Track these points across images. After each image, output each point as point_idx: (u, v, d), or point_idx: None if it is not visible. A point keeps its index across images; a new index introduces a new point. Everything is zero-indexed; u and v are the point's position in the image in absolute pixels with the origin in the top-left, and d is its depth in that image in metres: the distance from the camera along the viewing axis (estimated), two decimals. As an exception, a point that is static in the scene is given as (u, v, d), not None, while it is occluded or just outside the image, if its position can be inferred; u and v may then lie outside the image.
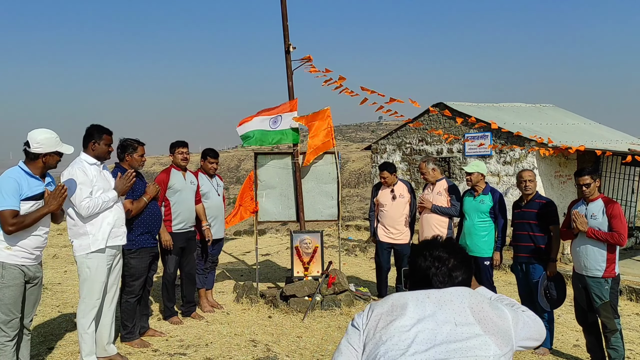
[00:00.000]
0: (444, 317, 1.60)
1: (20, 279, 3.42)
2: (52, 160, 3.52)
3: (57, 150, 3.51)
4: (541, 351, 4.94)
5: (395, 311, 1.65)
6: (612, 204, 4.34)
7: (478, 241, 5.36)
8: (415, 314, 1.62)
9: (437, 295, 1.66)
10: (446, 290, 1.68)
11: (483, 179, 5.46)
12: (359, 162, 56.11)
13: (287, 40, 6.53)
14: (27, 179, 3.42)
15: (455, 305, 1.63)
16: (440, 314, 1.61)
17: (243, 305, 6.09)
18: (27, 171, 3.44)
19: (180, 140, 5.47)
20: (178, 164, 5.38)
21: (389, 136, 14.41)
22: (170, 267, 5.22)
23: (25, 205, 3.37)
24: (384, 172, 6.26)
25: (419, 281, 1.76)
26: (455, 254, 1.75)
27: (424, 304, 1.64)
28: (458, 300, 1.64)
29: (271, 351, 4.61)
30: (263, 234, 14.13)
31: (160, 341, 4.74)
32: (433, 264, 1.73)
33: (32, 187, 3.42)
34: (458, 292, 1.67)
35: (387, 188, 6.29)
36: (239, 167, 79.97)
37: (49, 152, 3.48)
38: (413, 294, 1.69)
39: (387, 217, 6.24)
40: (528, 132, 11.25)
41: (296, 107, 6.46)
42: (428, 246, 1.78)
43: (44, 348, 4.45)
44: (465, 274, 1.74)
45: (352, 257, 10.30)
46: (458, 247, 1.81)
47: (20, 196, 3.35)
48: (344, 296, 6.12)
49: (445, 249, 1.76)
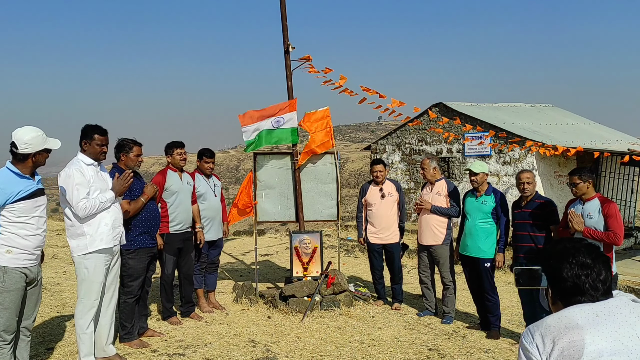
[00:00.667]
0: (624, 332, 1.55)
1: (21, 283, 3.40)
2: (41, 159, 3.48)
3: (45, 148, 3.47)
4: (541, 351, 4.93)
5: (572, 336, 1.56)
6: (608, 203, 4.34)
7: (479, 242, 5.35)
8: (598, 337, 1.55)
9: (604, 310, 1.59)
10: (607, 303, 1.61)
11: (486, 179, 5.46)
12: (359, 162, 56.11)
13: (287, 40, 6.52)
14: (17, 181, 3.38)
15: (626, 317, 1.57)
16: (620, 330, 1.55)
17: (242, 306, 6.08)
18: (16, 172, 3.40)
19: (177, 141, 5.41)
20: (176, 165, 5.35)
21: (389, 136, 14.40)
22: (167, 267, 5.21)
23: (20, 205, 3.35)
24: (379, 165, 6.25)
25: (567, 291, 1.67)
26: (597, 258, 1.68)
27: (601, 325, 1.56)
28: (626, 310, 1.59)
29: (270, 351, 4.60)
30: (262, 234, 14.12)
31: (159, 341, 4.73)
32: (582, 272, 1.65)
33: (25, 188, 3.38)
34: (620, 303, 1.61)
35: (376, 187, 6.27)
36: (239, 167, 79.94)
37: (38, 151, 3.43)
38: (577, 313, 1.60)
39: (376, 217, 6.22)
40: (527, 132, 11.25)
41: (295, 107, 6.45)
42: (569, 252, 1.69)
43: (43, 348, 4.44)
44: (609, 277, 1.67)
45: (352, 258, 10.29)
46: (594, 247, 1.72)
47: (11, 198, 3.32)
48: (343, 296, 6.11)
49: (588, 254, 1.67)
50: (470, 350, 4.90)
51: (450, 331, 5.49)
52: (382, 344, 4.96)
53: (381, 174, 6.22)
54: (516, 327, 5.85)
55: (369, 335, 5.18)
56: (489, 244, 5.35)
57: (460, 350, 4.90)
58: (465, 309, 6.55)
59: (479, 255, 5.35)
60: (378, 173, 6.24)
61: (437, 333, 5.39)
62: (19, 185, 3.37)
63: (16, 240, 3.37)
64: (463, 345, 5.04)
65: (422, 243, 6.01)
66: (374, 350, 4.76)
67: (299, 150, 6.50)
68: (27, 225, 3.41)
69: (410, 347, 4.90)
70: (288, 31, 6.56)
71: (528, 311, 5.15)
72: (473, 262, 5.44)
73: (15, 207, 3.35)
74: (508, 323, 5.99)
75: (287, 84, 6.55)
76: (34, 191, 3.45)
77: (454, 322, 5.81)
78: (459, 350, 4.90)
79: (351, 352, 4.71)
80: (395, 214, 6.25)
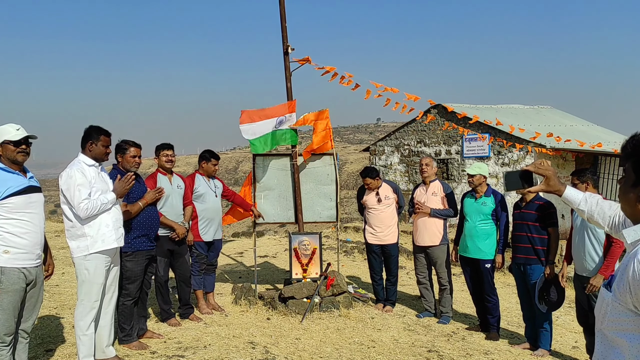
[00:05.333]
0: None
1: (20, 284, 3.37)
2: (7, 151, 3.41)
3: (5, 140, 3.40)
4: (540, 353, 4.94)
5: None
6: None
7: (480, 243, 5.36)
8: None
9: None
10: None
11: (485, 180, 5.46)
12: (357, 163, 56.13)
13: (286, 41, 6.52)
14: (6, 176, 3.36)
15: None
16: None
17: (241, 307, 6.07)
18: (2, 167, 3.39)
19: (166, 143, 5.40)
20: (163, 167, 5.35)
21: (387, 138, 14.41)
22: (160, 269, 5.20)
23: (12, 200, 3.33)
24: (366, 179, 6.17)
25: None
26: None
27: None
28: None
29: (270, 353, 4.60)
30: (261, 235, 14.11)
31: (158, 343, 4.72)
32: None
33: (15, 183, 3.37)
34: None
35: (372, 192, 6.25)
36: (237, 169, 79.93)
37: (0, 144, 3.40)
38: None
39: (375, 219, 6.22)
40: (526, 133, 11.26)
41: (295, 109, 6.46)
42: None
43: (42, 350, 4.43)
44: None
45: (351, 259, 10.29)
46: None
47: (1, 194, 3.30)
48: (343, 298, 6.11)
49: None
50: (469, 352, 4.90)
51: (450, 332, 5.49)
52: (381, 345, 4.96)
53: (371, 184, 6.17)
54: (515, 329, 5.86)
55: (368, 337, 5.18)
56: (489, 245, 5.36)
57: (459, 351, 4.90)
58: (465, 310, 6.56)
59: (479, 256, 5.36)
60: (369, 184, 6.19)
61: (436, 334, 5.39)
62: (7, 182, 3.36)
63: (12, 239, 3.35)
64: (462, 347, 5.04)
65: (419, 244, 6.02)
66: (374, 352, 4.76)
67: (298, 152, 6.50)
68: (21, 222, 3.38)
69: (409, 349, 4.90)
70: (287, 32, 6.57)
71: (527, 312, 5.16)
72: (473, 264, 5.45)
73: (7, 203, 3.33)
74: (507, 324, 5.99)
75: (287, 85, 6.55)
76: (26, 187, 3.43)
77: (453, 324, 5.81)
78: (458, 351, 4.90)
79: (350, 353, 4.71)
80: (394, 215, 6.24)
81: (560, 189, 2.41)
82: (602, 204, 2.28)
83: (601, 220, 2.27)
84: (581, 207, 2.34)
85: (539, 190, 2.50)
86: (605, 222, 2.26)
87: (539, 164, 2.48)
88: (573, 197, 2.39)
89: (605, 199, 3.12)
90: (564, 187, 2.41)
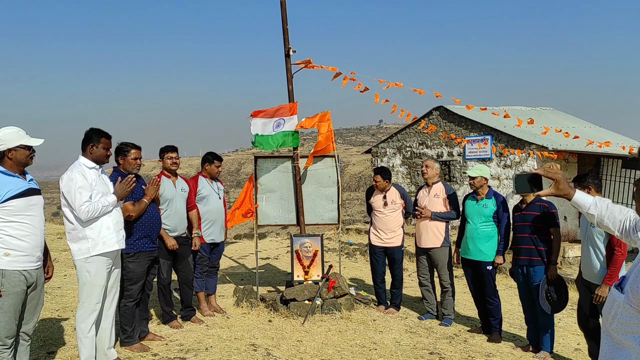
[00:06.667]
0: None
1: (20, 286, 3.38)
2: (19, 155, 3.43)
3: (21, 144, 3.43)
4: (542, 355, 4.93)
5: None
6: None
7: (481, 245, 5.35)
8: None
9: None
10: None
11: (486, 182, 5.45)
12: (359, 165, 56.15)
13: (287, 43, 6.54)
14: (5, 179, 3.37)
15: None
16: None
17: (243, 309, 6.07)
18: (2, 171, 3.39)
19: (170, 145, 5.40)
20: (168, 169, 5.35)
21: (389, 139, 14.41)
22: (163, 272, 5.20)
23: (12, 203, 3.34)
24: (377, 175, 6.20)
25: None
26: None
27: None
28: None
29: (271, 355, 4.59)
30: (263, 237, 14.11)
31: (160, 345, 4.72)
32: None
33: (15, 186, 3.37)
34: None
35: (380, 194, 6.24)
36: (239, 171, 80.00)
37: (13, 147, 3.41)
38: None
39: (380, 221, 6.21)
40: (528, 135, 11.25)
41: (296, 111, 6.46)
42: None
43: (43, 352, 4.43)
44: None
45: (353, 261, 10.29)
46: None
47: (1, 197, 3.31)
48: (345, 300, 6.10)
49: None
50: (471, 354, 4.89)
51: (452, 335, 5.48)
52: (383, 347, 4.95)
53: (380, 183, 6.18)
54: (517, 331, 5.84)
55: (370, 339, 5.17)
56: (490, 247, 5.35)
57: (461, 354, 4.89)
58: (467, 312, 6.54)
59: (481, 258, 5.35)
60: (377, 183, 6.21)
61: (438, 337, 5.38)
62: (7, 185, 3.36)
63: (13, 242, 3.35)
64: (464, 349, 5.03)
65: (421, 246, 6.01)
66: (375, 354, 4.75)
67: (299, 154, 6.50)
68: (22, 225, 3.39)
69: (411, 351, 4.89)
70: (289, 35, 6.58)
71: (529, 315, 5.14)
72: (475, 266, 5.44)
73: (7, 206, 3.34)
74: (509, 327, 5.98)
75: (288, 87, 6.56)
76: (26, 190, 3.43)
77: (455, 326, 5.80)
78: (460, 354, 4.89)
79: (352, 355, 4.70)
80: (399, 220, 6.22)
81: (570, 193, 2.38)
82: (612, 208, 2.26)
83: (611, 224, 2.25)
84: (591, 211, 2.32)
85: (548, 194, 2.47)
86: (615, 227, 2.24)
87: (548, 167, 2.45)
88: (583, 201, 2.35)
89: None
90: (574, 191, 2.38)
